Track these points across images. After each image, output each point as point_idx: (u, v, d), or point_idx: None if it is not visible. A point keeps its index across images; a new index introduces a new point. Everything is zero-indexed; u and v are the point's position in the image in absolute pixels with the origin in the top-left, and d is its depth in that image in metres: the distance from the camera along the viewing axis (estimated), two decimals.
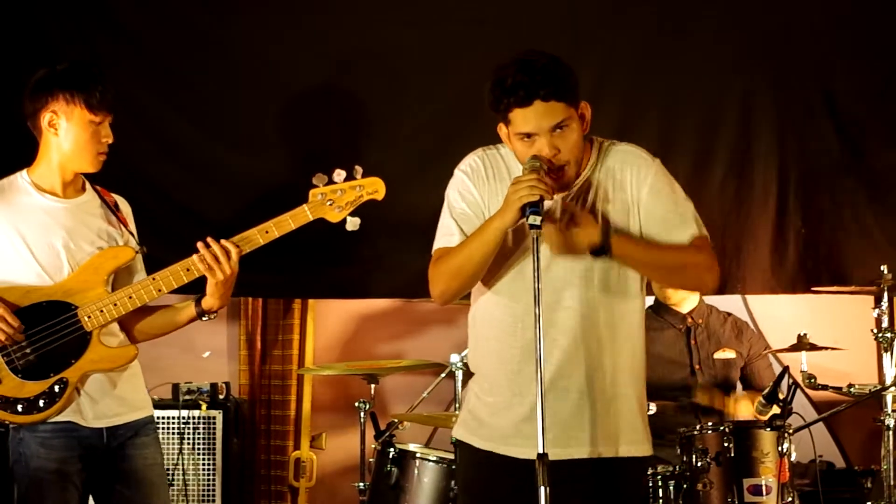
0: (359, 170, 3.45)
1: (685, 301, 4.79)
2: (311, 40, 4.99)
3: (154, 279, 3.44)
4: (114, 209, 3.58)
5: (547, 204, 2.93)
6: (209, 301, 3.47)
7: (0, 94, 4.54)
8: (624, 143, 3.13)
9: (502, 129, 3.05)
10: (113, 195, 3.63)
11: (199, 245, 3.40)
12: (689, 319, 4.78)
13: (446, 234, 3.09)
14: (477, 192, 3.08)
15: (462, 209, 3.08)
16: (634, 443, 3.07)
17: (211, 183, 4.98)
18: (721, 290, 4.99)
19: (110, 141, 3.49)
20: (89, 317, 3.41)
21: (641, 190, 3.05)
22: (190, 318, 3.53)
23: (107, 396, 3.46)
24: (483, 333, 3.13)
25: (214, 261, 3.39)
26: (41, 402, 3.38)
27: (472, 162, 3.12)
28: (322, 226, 3.48)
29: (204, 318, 3.52)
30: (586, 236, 2.94)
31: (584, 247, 2.95)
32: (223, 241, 3.42)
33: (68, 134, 3.45)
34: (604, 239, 2.94)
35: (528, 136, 2.97)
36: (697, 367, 4.73)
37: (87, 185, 3.57)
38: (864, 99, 5.12)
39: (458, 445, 3.20)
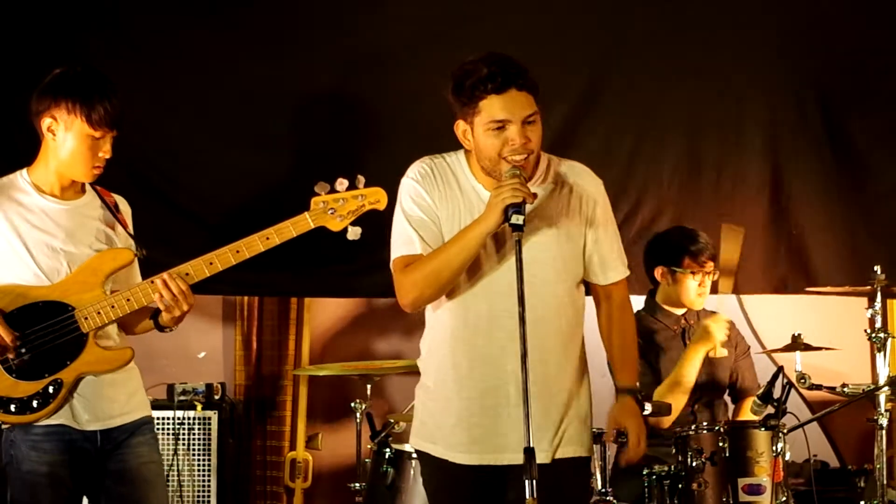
0: (361, 179, 3.46)
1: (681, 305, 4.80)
2: (314, 43, 4.99)
3: (152, 282, 3.44)
4: (113, 210, 3.58)
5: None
6: (166, 321, 3.51)
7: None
8: (575, 162, 3.23)
9: (459, 127, 3.10)
10: (113, 195, 3.63)
11: (159, 283, 3.40)
12: (683, 320, 4.79)
13: (406, 243, 3.12)
14: (429, 198, 3.12)
15: (418, 216, 3.12)
16: (577, 444, 3.15)
17: (213, 186, 4.98)
18: (714, 290, 5.01)
19: (108, 156, 3.47)
20: (86, 318, 3.41)
21: (596, 211, 3.17)
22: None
23: (101, 399, 3.46)
24: (437, 338, 3.18)
25: (173, 299, 3.41)
26: (34, 403, 3.38)
27: (420, 169, 3.16)
28: (321, 228, 3.49)
29: (166, 331, 3.56)
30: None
31: None
32: (177, 280, 3.41)
33: (65, 142, 3.45)
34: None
35: (501, 125, 3.02)
36: None
37: (87, 187, 3.57)
38: (855, 99, 5.15)
39: (418, 455, 3.26)
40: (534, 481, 2.78)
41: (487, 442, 3.07)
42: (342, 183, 3.45)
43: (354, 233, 3.46)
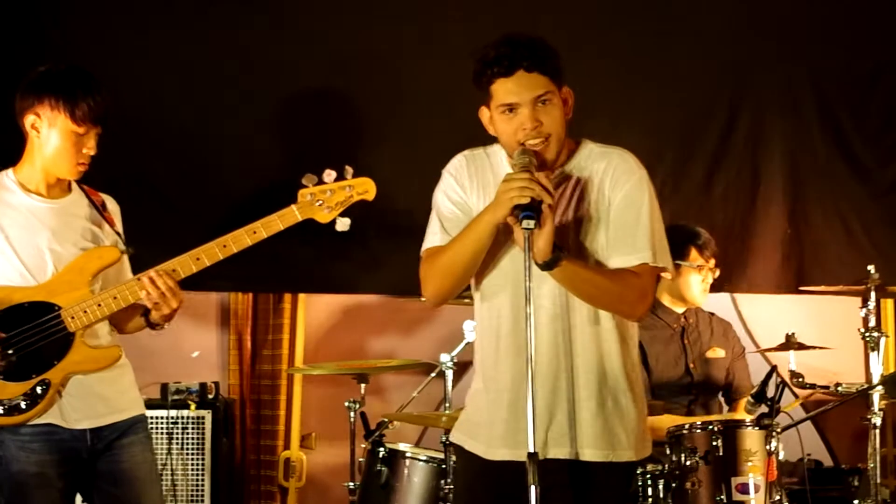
0: (349, 170, 3.45)
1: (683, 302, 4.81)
2: (307, 40, 4.99)
3: (139, 279, 3.44)
4: (100, 209, 3.57)
5: None
6: (156, 318, 3.51)
7: None
8: (616, 147, 3.10)
9: (484, 113, 3.03)
10: (101, 194, 3.62)
11: (146, 280, 3.40)
12: (683, 319, 4.79)
13: (431, 234, 3.09)
14: (461, 192, 3.08)
15: (448, 208, 3.08)
16: (605, 447, 3.02)
17: (202, 183, 4.98)
18: (711, 289, 5.01)
19: (93, 153, 3.47)
20: (73, 317, 3.40)
21: (616, 194, 3.01)
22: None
23: (90, 397, 3.46)
24: (477, 331, 3.15)
25: (161, 296, 3.40)
26: (23, 404, 3.37)
27: (456, 162, 3.12)
28: (313, 223, 3.48)
29: (157, 329, 3.55)
30: (539, 248, 2.86)
31: (534, 257, 2.86)
32: (165, 276, 3.40)
33: (49, 139, 3.44)
34: (554, 255, 2.88)
35: (511, 109, 2.95)
36: (692, 365, 4.75)
37: (74, 185, 3.56)
38: (849, 100, 5.16)
39: (454, 446, 3.20)
40: (537, 488, 2.71)
41: (511, 437, 3.00)
42: (330, 174, 3.43)
43: (343, 224, 3.45)
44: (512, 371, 3.01)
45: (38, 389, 3.38)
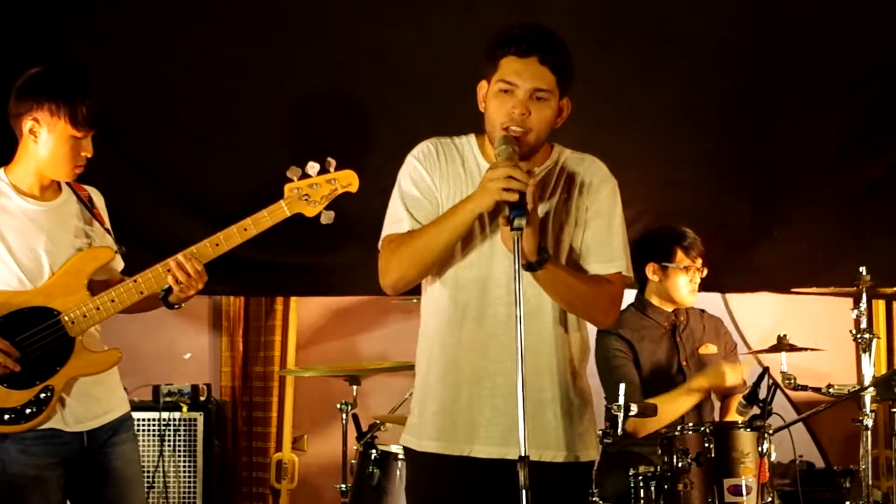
0: (332, 162, 3.45)
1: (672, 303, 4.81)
2: (307, 40, 4.99)
3: (136, 281, 3.44)
4: (89, 205, 3.56)
5: None
6: (177, 298, 3.49)
7: None
8: (587, 154, 3.10)
9: (482, 87, 2.99)
10: (86, 188, 3.60)
11: (172, 264, 3.38)
12: (673, 317, 4.80)
13: (396, 221, 3.01)
14: (429, 178, 3.01)
15: (414, 195, 3.00)
16: (569, 448, 3.01)
17: (194, 185, 4.98)
18: (701, 288, 5.02)
19: (89, 155, 3.46)
20: (73, 322, 3.39)
21: (593, 203, 3.02)
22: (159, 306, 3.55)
23: (86, 400, 3.46)
24: (428, 322, 3.06)
25: (187, 278, 3.39)
26: (28, 411, 3.37)
27: (424, 148, 3.06)
28: (307, 224, 3.49)
29: (175, 307, 3.53)
30: (527, 248, 2.82)
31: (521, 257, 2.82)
32: (193, 260, 3.39)
33: (47, 144, 3.42)
34: (541, 256, 2.86)
35: (507, 89, 2.91)
36: (685, 363, 4.74)
37: (62, 184, 3.55)
38: (841, 99, 5.16)
39: (406, 453, 3.11)
40: (528, 492, 2.66)
41: (470, 432, 2.96)
42: (313, 167, 3.43)
43: (328, 217, 3.45)
44: (472, 366, 2.97)
45: (42, 396, 3.37)
